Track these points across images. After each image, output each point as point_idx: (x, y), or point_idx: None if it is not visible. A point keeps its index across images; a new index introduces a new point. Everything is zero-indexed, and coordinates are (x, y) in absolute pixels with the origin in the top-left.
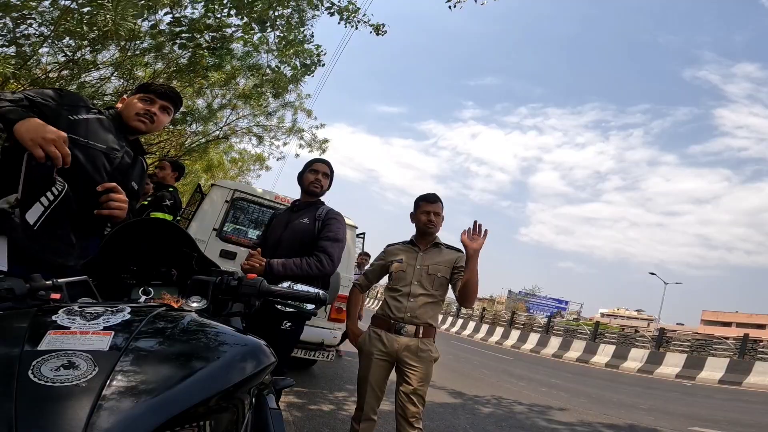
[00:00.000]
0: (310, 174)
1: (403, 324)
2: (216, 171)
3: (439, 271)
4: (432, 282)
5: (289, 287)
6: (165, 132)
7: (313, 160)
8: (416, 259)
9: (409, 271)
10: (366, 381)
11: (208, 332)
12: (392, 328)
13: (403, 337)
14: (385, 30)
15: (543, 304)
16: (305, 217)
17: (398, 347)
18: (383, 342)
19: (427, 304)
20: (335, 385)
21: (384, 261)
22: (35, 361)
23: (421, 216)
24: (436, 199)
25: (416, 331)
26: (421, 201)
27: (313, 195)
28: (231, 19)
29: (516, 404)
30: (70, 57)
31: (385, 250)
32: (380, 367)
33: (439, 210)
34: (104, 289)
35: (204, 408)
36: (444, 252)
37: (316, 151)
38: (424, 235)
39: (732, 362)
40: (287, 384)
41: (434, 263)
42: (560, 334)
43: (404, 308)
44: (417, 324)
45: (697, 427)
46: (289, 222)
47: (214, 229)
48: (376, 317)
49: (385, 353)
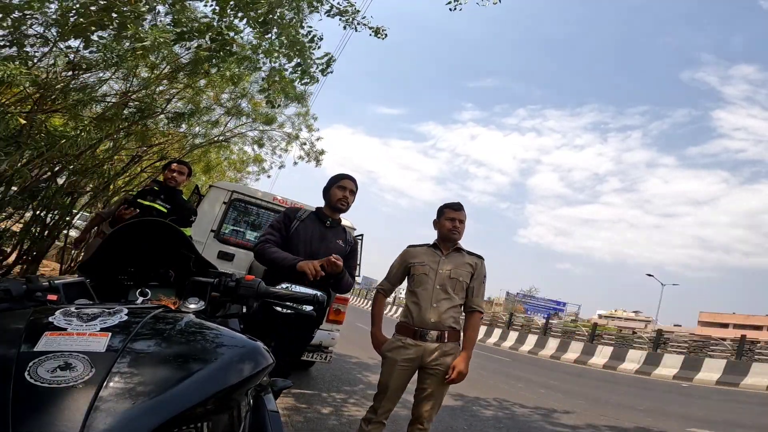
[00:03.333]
0: (338, 190)
1: (427, 330)
2: (214, 173)
3: (461, 275)
4: (454, 286)
5: (287, 289)
6: (165, 133)
7: (341, 176)
8: (438, 263)
9: (431, 275)
10: (387, 387)
11: (205, 334)
12: (417, 335)
13: (429, 343)
14: (386, 33)
15: (541, 306)
16: (339, 238)
17: (423, 353)
18: (408, 349)
19: (450, 308)
20: (333, 386)
21: (405, 262)
22: (32, 363)
23: (446, 222)
24: (460, 207)
25: (441, 336)
26: (446, 208)
27: (339, 211)
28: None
29: (515, 406)
30: (72, 59)
31: (406, 251)
32: (403, 374)
33: (463, 217)
34: (101, 290)
35: (201, 409)
36: (466, 257)
37: (312, 161)
38: (446, 241)
39: (729, 363)
40: (285, 385)
41: (456, 267)
42: (558, 336)
43: (427, 314)
44: (441, 329)
45: (695, 428)
46: (325, 237)
47: (212, 230)
48: (400, 325)
49: (409, 360)
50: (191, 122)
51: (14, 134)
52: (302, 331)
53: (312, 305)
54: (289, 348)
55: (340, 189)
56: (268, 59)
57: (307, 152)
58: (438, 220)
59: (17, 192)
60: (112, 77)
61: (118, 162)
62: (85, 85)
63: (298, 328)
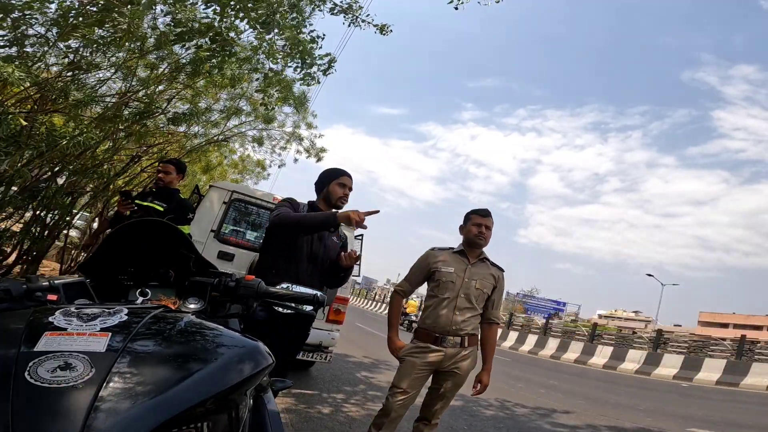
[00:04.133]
0: (338, 188)
1: (448, 336)
2: (214, 173)
3: (485, 287)
4: (477, 297)
5: (288, 288)
6: (164, 134)
7: (339, 171)
8: (465, 271)
9: (457, 282)
10: (401, 390)
11: (205, 334)
12: (438, 341)
13: (449, 349)
14: (390, 30)
15: (541, 306)
16: (334, 235)
17: (443, 358)
18: (429, 354)
19: (472, 317)
20: (333, 386)
21: (428, 265)
22: (32, 363)
23: (473, 228)
24: (488, 213)
25: (461, 342)
26: (473, 214)
27: (337, 209)
28: (236, 21)
29: (515, 406)
30: (72, 59)
31: (429, 254)
32: (419, 379)
33: (490, 224)
34: (101, 290)
35: (201, 409)
36: (490, 268)
37: (313, 157)
38: (473, 246)
39: (729, 363)
40: (285, 385)
41: (482, 279)
42: (558, 336)
43: (450, 321)
44: (461, 335)
45: (695, 428)
46: (323, 236)
47: (212, 230)
48: (419, 330)
49: (428, 364)
50: (191, 122)
51: (14, 134)
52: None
53: (312, 305)
54: (289, 348)
55: (340, 186)
56: (268, 60)
57: (307, 149)
58: (464, 225)
59: (17, 192)
60: (112, 77)
61: (118, 162)
62: (85, 84)
63: (297, 328)
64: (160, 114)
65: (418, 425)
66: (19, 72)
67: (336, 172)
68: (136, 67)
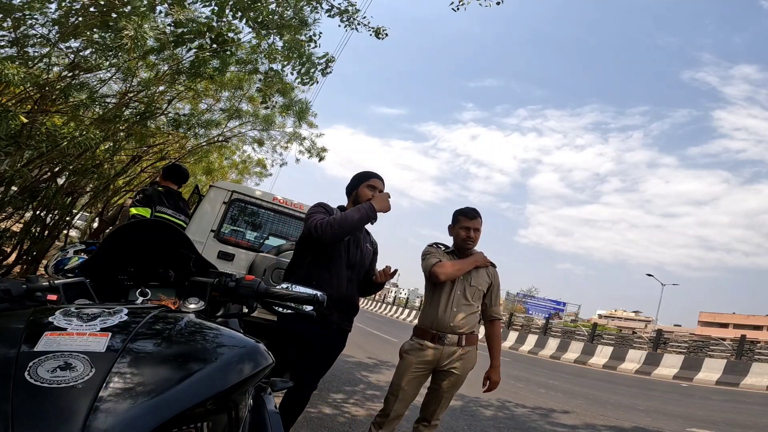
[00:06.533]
0: (367, 189)
1: (446, 334)
2: (215, 174)
3: (480, 284)
4: (473, 294)
5: (287, 289)
6: (164, 134)
7: (369, 174)
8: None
9: (454, 281)
10: (400, 389)
11: (205, 334)
12: (435, 338)
13: (447, 347)
14: (386, 33)
15: (541, 306)
16: (368, 241)
17: (441, 356)
18: (426, 352)
19: (469, 314)
20: (333, 386)
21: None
22: (32, 362)
23: (461, 231)
24: (475, 215)
25: (459, 340)
26: (461, 215)
27: None
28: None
29: (515, 406)
30: (73, 60)
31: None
32: (418, 377)
33: (478, 225)
34: (101, 290)
35: (202, 409)
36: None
37: (315, 157)
38: (461, 249)
39: (729, 363)
40: (285, 385)
41: (476, 275)
42: (558, 336)
43: (447, 318)
44: (459, 333)
45: (695, 428)
46: (358, 242)
47: (212, 230)
48: (418, 328)
49: (426, 362)
50: (191, 123)
51: (14, 134)
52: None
53: (312, 305)
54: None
55: (370, 188)
56: (267, 60)
57: (308, 149)
58: (453, 227)
59: (17, 192)
60: (113, 78)
61: (118, 162)
62: (85, 84)
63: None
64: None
65: (417, 426)
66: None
67: (366, 174)
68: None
